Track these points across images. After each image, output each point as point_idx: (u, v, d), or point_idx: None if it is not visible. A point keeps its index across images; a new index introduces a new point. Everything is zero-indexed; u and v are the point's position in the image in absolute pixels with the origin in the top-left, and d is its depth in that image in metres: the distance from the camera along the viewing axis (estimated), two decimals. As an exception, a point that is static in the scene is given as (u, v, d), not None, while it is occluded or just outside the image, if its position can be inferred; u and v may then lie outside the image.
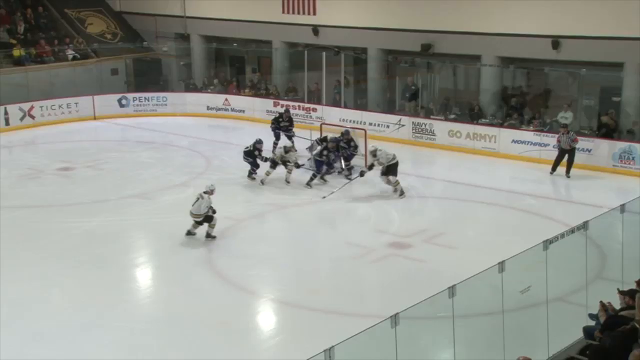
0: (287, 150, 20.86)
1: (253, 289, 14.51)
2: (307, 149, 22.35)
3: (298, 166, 20.79)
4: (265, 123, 27.84)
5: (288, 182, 20.52)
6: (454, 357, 9.93)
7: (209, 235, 16.38)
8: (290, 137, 23.94)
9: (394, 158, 19.15)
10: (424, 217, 18.38)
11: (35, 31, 31.34)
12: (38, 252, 16.15)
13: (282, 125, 24.04)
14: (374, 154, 19.30)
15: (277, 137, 24.00)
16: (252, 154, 20.73)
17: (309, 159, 21.94)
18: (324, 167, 20.68)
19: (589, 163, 21.62)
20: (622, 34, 21.79)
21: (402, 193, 19.23)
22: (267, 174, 20.53)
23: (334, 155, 20.83)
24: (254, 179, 20.88)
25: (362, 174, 19.76)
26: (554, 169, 21.28)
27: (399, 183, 19.26)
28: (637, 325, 7.99)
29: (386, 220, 18.16)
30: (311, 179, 20.33)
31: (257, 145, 20.73)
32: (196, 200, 16.13)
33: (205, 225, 16.43)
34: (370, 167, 19.56)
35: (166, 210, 18.85)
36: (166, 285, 14.99)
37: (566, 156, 21.01)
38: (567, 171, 21.12)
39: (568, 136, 20.91)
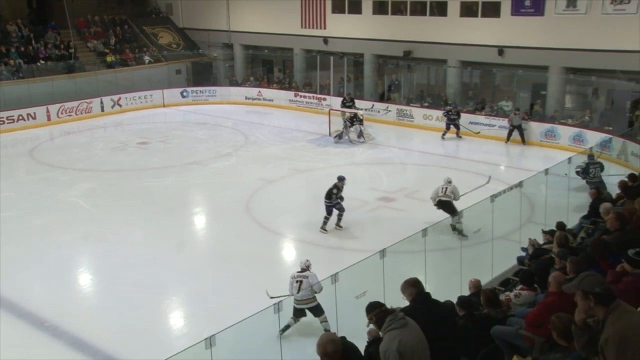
0: None
1: (279, 231, 14.60)
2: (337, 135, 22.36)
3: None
4: (287, 109, 27.96)
5: None
6: (425, 280, 10.02)
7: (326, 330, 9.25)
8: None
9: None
10: (405, 179, 18.37)
11: (122, 43, 31.27)
12: (125, 203, 16.36)
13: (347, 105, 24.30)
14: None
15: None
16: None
17: (336, 136, 22.16)
18: None
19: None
20: (548, 44, 21.80)
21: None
22: None
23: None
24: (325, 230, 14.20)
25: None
26: (508, 139, 21.70)
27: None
28: (554, 255, 8.07)
29: (377, 181, 18.14)
30: None
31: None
32: (299, 285, 9.68)
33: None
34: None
35: (216, 173, 18.94)
36: (216, 228, 15.13)
37: (516, 131, 21.47)
38: (523, 141, 21.45)
39: (518, 115, 21.43)
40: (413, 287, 5.87)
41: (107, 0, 32.98)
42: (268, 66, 32.64)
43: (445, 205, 13.58)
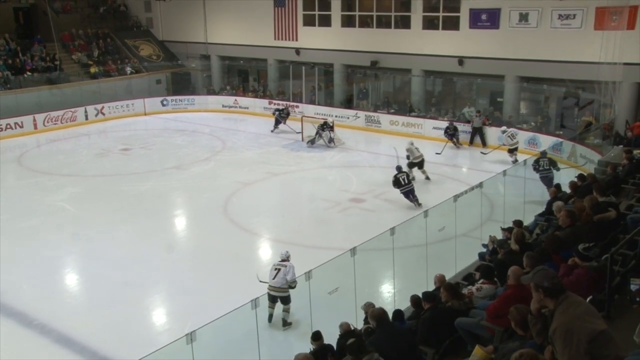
0: None
1: (255, 231, 14.53)
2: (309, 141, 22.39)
3: None
4: (262, 116, 27.84)
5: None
6: (393, 275, 10.09)
7: (285, 323, 9.79)
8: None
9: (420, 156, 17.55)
10: (373, 180, 18.39)
11: (105, 55, 30.87)
12: (108, 206, 16.13)
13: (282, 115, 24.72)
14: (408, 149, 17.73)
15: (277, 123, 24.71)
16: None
17: (309, 141, 22.18)
18: None
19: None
20: (503, 55, 22.10)
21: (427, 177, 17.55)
22: None
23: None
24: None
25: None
26: (471, 142, 21.94)
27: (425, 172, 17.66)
28: (496, 246, 8.32)
29: (347, 183, 18.14)
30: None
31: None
32: (276, 272, 9.87)
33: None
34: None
35: (195, 177, 18.78)
36: (195, 228, 15.01)
37: (477, 135, 21.77)
38: (484, 144, 21.60)
39: (480, 118, 21.79)
40: (374, 319, 6.55)
41: (91, 15, 32.63)
42: (243, 76, 32.47)
43: (423, 161, 17.26)
